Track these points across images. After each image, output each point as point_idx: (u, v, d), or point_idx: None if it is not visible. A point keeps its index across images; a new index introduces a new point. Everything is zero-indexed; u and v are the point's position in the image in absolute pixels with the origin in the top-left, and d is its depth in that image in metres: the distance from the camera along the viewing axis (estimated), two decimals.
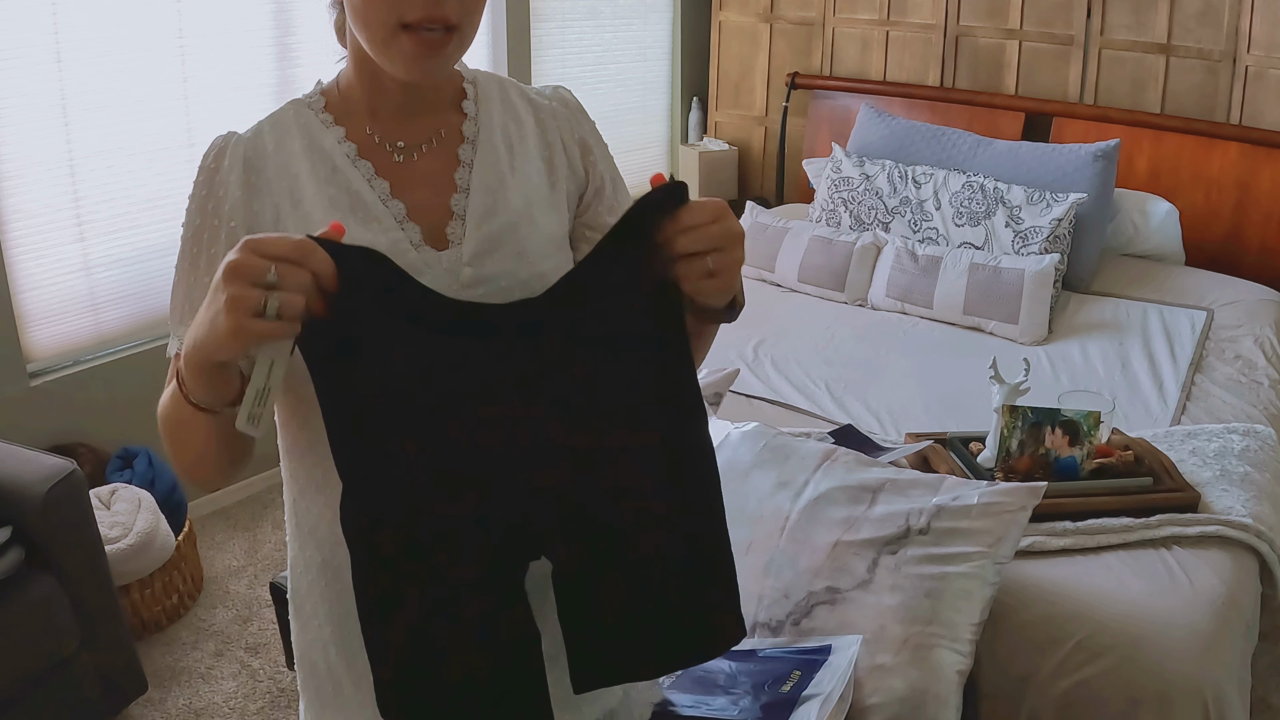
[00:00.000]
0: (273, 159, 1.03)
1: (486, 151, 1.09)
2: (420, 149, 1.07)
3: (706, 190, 4.43)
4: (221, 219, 1.01)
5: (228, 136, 1.04)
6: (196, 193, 1.03)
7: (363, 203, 1.03)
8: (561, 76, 4.20)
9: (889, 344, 2.93)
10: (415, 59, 0.98)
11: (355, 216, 1.02)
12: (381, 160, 1.06)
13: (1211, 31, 3.42)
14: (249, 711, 2.35)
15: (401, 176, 1.06)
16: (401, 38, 0.97)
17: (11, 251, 2.69)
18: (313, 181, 1.03)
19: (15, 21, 2.58)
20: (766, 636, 1.71)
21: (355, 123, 1.06)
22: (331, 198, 1.03)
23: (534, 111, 1.14)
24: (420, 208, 1.05)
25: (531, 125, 1.13)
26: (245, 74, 3.03)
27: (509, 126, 1.12)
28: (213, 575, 2.85)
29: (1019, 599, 1.76)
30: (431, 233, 1.05)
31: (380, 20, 0.96)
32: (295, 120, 1.05)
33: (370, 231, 1.02)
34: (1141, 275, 3.32)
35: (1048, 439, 2.00)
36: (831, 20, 4.19)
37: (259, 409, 0.86)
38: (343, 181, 1.03)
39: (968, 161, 3.45)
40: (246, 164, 1.02)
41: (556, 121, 1.14)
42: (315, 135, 1.05)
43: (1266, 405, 2.53)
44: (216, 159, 1.03)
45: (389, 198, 1.04)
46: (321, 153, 1.04)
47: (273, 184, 1.02)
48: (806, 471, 1.83)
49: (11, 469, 2.10)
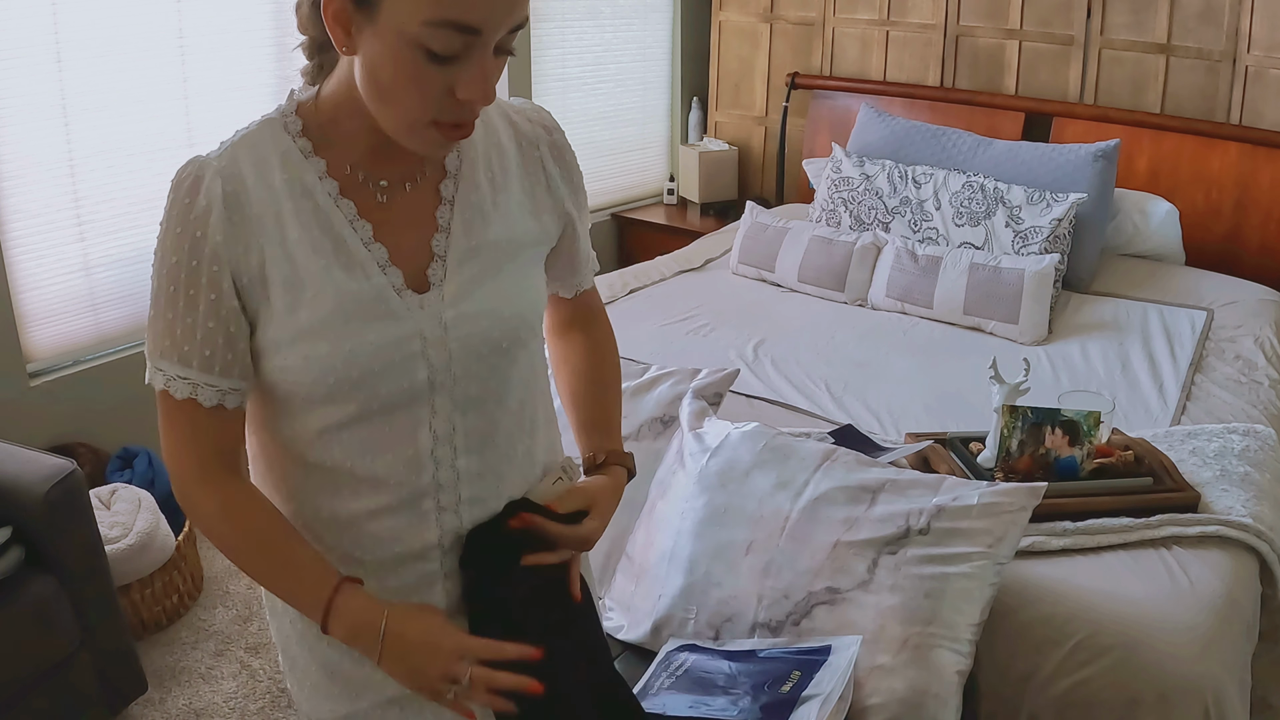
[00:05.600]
0: (254, 194, 1.00)
1: (468, 188, 1.08)
2: (404, 187, 1.06)
3: (707, 190, 4.43)
4: (202, 260, 0.99)
5: (201, 165, 1.00)
6: (170, 226, 1.00)
7: (346, 248, 1.02)
8: (561, 76, 4.21)
9: (889, 344, 2.93)
10: (439, 145, 1.00)
11: (339, 262, 1.02)
12: (364, 200, 1.05)
13: (1211, 31, 3.42)
14: (249, 711, 2.35)
15: (384, 218, 1.05)
16: (429, 131, 0.97)
17: (11, 251, 2.69)
18: (296, 222, 1.01)
19: (15, 21, 2.59)
20: (766, 636, 1.71)
21: (336, 154, 1.04)
22: (314, 242, 1.01)
23: (516, 137, 1.14)
24: (402, 251, 1.05)
25: (514, 152, 1.13)
26: (245, 74, 3.03)
27: (491, 156, 1.11)
28: (213, 575, 2.85)
29: (1019, 599, 1.76)
30: (413, 276, 1.05)
31: (409, 115, 0.96)
32: (274, 147, 1.02)
33: (354, 279, 1.02)
34: (1141, 275, 3.32)
35: (1048, 439, 2.00)
36: (831, 20, 4.19)
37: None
38: (325, 223, 1.02)
39: (968, 161, 3.45)
40: (227, 202, 0.99)
41: (539, 151, 1.15)
42: (296, 169, 1.02)
43: (1266, 405, 2.53)
44: (190, 192, 0.99)
45: (371, 241, 1.04)
46: (303, 189, 1.02)
47: (256, 224, 1.00)
48: (806, 471, 1.83)
49: (11, 469, 2.10)
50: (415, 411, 1.06)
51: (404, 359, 1.03)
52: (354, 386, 1.02)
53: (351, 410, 1.03)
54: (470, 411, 1.08)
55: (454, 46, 0.91)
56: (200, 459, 1.05)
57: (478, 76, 0.94)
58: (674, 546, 1.84)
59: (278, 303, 1.01)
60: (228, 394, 1.03)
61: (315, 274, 1.01)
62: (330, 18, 0.93)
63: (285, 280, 1.00)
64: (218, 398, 1.02)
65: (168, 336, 1.01)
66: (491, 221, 1.09)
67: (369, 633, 1.03)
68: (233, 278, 1.00)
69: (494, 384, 1.10)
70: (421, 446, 1.07)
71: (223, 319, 1.00)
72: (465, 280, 1.06)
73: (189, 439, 1.04)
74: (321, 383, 1.01)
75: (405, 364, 1.03)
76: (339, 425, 1.04)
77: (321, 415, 1.04)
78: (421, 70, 0.92)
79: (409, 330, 1.03)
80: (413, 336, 1.04)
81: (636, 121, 4.61)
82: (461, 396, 1.07)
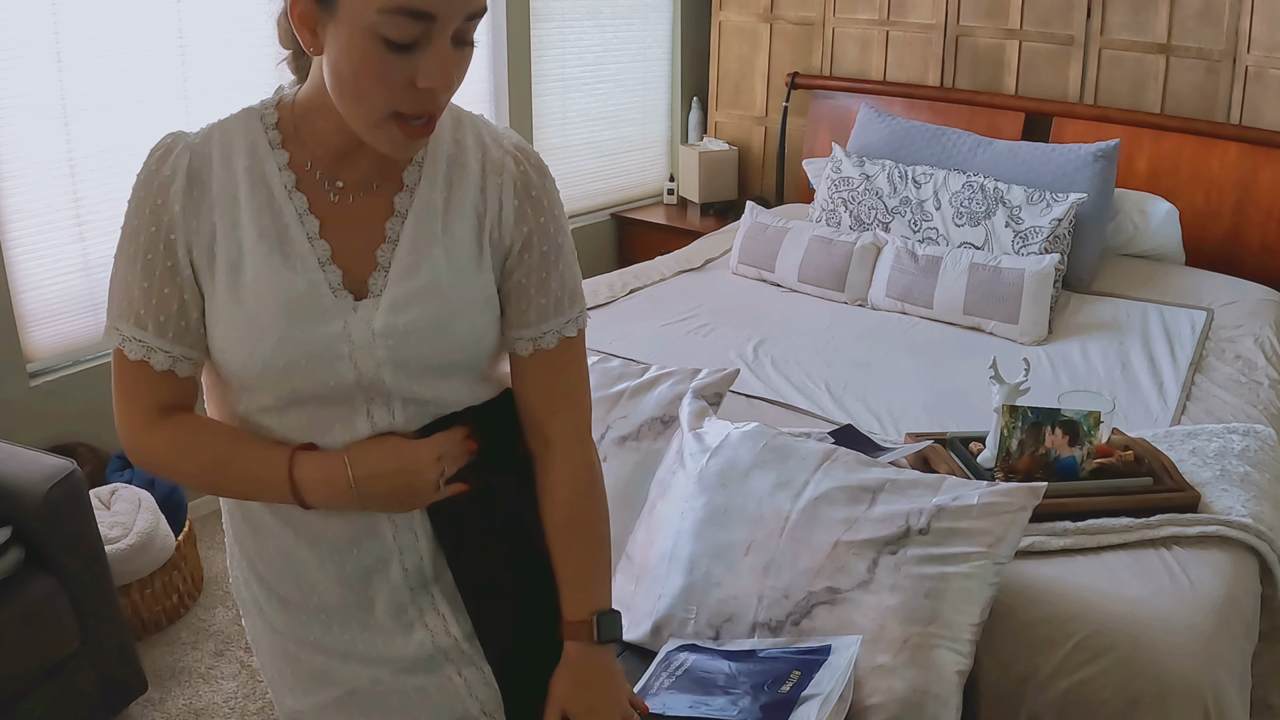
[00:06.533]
0: (217, 175, 1.04)
1: (421, 204, 1.08)
2: (359, 191, 1.07)
3: (707, 190, 4.43)
4: (161, 227, 1.03)
5: (177, 137, 1.06)
6: (137, 190, 1.05)
7: (289, 239, 1.05)
8: (561, 76, 4.21)
9: (889, 344, 2.93)
10: (402, 144, 1.01)
11: (280, 252, 1.04)
12: (317, 196, 1.06)
13: (1211, 31, 3.42)
14: (249, 711, 2.35)
15: (334, 217, 1.06)
16: (392, 125, 0.99)
17: (11, 251, 2.69)
18: (250, 206, 1.04)
19: (15, 21, 2.58)
20: (766, 636, 1.71)
21: (301, 150, 1.06)
22: (262, 229, 1.04)
23: (483, 160, 1.11)
24: (346, 252, 1.06)
25: (475, 177, 1.10)
26: (245, 74, 3.03)
27: (452, 175, 1.10)
28: (213, 575, 2.85)
29: (1019, 599, 1.76)
30: (353, 279, 1.06)
31: (373, 107, 0.98)
32: (244, 135, 1.06)
33: (292, 271, 1.04)
34: (1141, 275, 3.32)
35: (1048, 439, 2.00)
36: (831, 20, 4.19)
37: None
38: (275, 213, 1.05)
39: (968, 161, 3.45)
40: (190, 175, 1.04)
41: (502, 179, 1.10)
42: (259, 157, 1.05)
43: (1266, 405, 2.53)
44: (160, 160, 1.04)
45: (316, 236, 1.05)
46: (262, 177, 1.05)
47: (213, 202, 1.04)
48: (806, 471, 1.83)
49: (11, 469, 2.10)
50: (350, 402, 1.07)
51: (331, 358, 1.04)
52: (280, 374, 1.04)
53: (284, 395, 1.06)
54: (411, 407, 1.09)
55: (411, 34, 0.93)
56: (147, 414, 1.09)
57: (436, 65, 0.95)
58: (674, 546, 1.84)
59: (220, 282, 1.04)
60: (179, 361, 1.07)
61: (257, 260, 1.04)
62: (297, 19, 0.97)
63: (230, 261, 1.04)
64: (169, 363, 1.06)
65: (125, 298, 1.06)
66: (438, 243, 1.07)
67: (340, 481, 1.05)
68: (187, 248, 1.04)
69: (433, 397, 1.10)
70: (360, 434, 1.08)
71: (177, 286, 1.04)
72: (403, 294, 1.06)
73: (138, 397, 1.08)
74: (251, 366, 1.04)
75: (332, 364, 1.05)
76: (277, 408, 1.07)
77: (259, 396, 1.07)
78: (382, 60, 0.94)
79: (336, 331, 1.04)
80: (340, 338, 1.04)
81: (636, 121, 4.61)
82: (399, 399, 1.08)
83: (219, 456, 1.08)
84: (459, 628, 1.16)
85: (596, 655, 1.17)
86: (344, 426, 1.08)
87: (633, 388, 2.18)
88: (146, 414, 1.08)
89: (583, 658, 1.16)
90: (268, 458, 1.06)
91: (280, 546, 1.14)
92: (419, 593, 1.14)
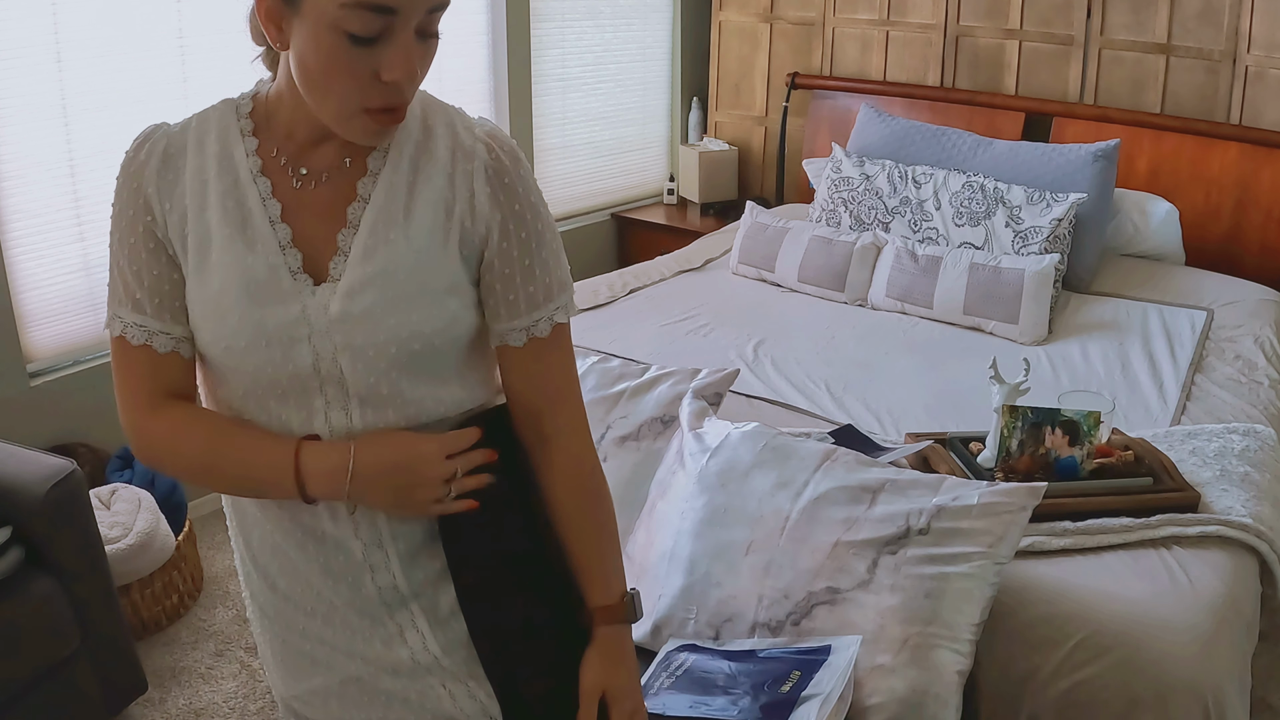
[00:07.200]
0: (190, 160, 1.07)
1: (384, 190, 1.07)
2: (321, 177, 1.08)
3: (707, 190, 4.43)
4: (138, 210, 1.06)
5: (156, 127, 1.09)
6: (119, 175, 1.08)
7: (252, 222, 1.06)
8: (561, 76, 4.21)
9: (889, 344, 2.93)
10: (374, 133, 1.02)
11: (243, 235, 1.05)
12: (281, 181, 1.07)
13: (1211, 31, 3.42)
14: (249, 711, 2.35)
15: (296, 201, 1.07)
16: (362, 118, 1.00)
17: (11, 251, 2.69)
18: (217, 190, 1.06)
19: (15, 21, 2.59)
20: (766, 636, 1.71)
21: (269, 137, 1.08)
22: (227, 211, 1.06)
23: (453, 146, 1.09)
24: (306, 236, 1.07)
25: (444, 164, 1.08)
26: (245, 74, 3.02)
27: (420, 161, 1.08)
28: (213, 575, 2.85)
29: (1019, 599, 1.76)
30: (313, 263, 1.06)
31: (340, 101, 0.99)
32: (218, 123, 1.09)
33: (252, 253, 1.05)
34: (1141, 275, 3.32)
35: (1048, 439, 2.00)
36: (831, 20, 4.19)
37: None
38: (240, 197, 1.06)
39: (968, 161, 3.45)
40: (164, 159, 1.07)
41: (472, 166, 1.08)
42: (229, 143, 1.07)
43: (1266, 405, 2.53)
44: (137, 148, 1.08)
45: (278, 220, 1.06)
46: (230, 162, 1.07)
47: (186, 186, 1.06)
48: (806, 472, 1.83)
49: (11, 469, 2.10)
50: (309, 401, 1.06)
51: (289, 340, 1.04)
52: (241, 356, 1.05)
53: (246, 382, 1.06)
54: (369, 409, 1.07)
55: (373, 27, 0.94)
56: (151, 398, 1.09)
57: (400, 57, 0.96)
58: (674, 546, 1.84)
59: (190, 263, 1.06)
60: (180, 342, 1.08)
61: (221, 242, 1.05)
62: (264, 16, 0.98)
63: (198, 243, 1.06)
64: (171, 344, 1.08)
65: (122, 283, 1.08)
66: (399, 230, 1.06)
67: (342, 474, 1.04)
68: (164, 228, 1.06)
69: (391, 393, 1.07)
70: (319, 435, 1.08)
71: (165, 266, 1.07)
72: (361, 278, 1.05)
73: (141, 383, 1.09)
74: (215, 345, 1.06)
75: (290, 346, 1.04)
76: (242, 396, 1.08)
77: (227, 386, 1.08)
78: (345, 54, 0.95)
79: (295, 314, 1.04)
80: (299, 321, 1.04)
81: (636, 121, 4.61)
82: (355, 392, 1.06)
83: (222, 441, 1.07)
84: (438, 644, 1.14)
85: (626, 634, 1.19)
86: (300, 428, 1.07)
87: (633, 388, 2.18)
88: (151, 398, 1.09)
89: (615, 637, 1.18)
90: (273, 444, 1.05)
91: (265, 536, 1.15)
92: (396, 609, 1.13)
